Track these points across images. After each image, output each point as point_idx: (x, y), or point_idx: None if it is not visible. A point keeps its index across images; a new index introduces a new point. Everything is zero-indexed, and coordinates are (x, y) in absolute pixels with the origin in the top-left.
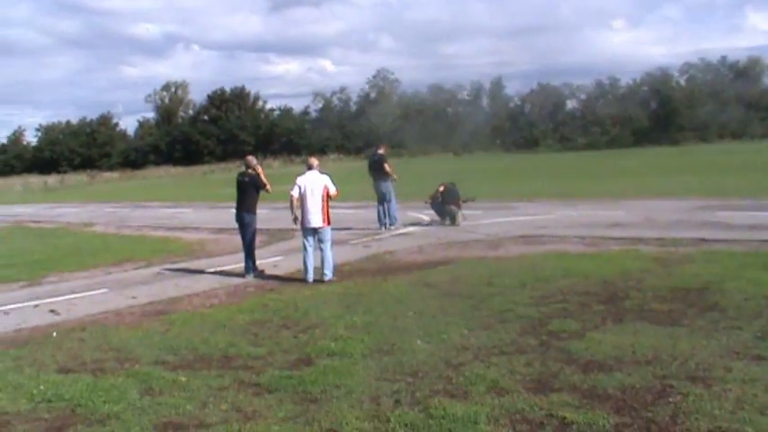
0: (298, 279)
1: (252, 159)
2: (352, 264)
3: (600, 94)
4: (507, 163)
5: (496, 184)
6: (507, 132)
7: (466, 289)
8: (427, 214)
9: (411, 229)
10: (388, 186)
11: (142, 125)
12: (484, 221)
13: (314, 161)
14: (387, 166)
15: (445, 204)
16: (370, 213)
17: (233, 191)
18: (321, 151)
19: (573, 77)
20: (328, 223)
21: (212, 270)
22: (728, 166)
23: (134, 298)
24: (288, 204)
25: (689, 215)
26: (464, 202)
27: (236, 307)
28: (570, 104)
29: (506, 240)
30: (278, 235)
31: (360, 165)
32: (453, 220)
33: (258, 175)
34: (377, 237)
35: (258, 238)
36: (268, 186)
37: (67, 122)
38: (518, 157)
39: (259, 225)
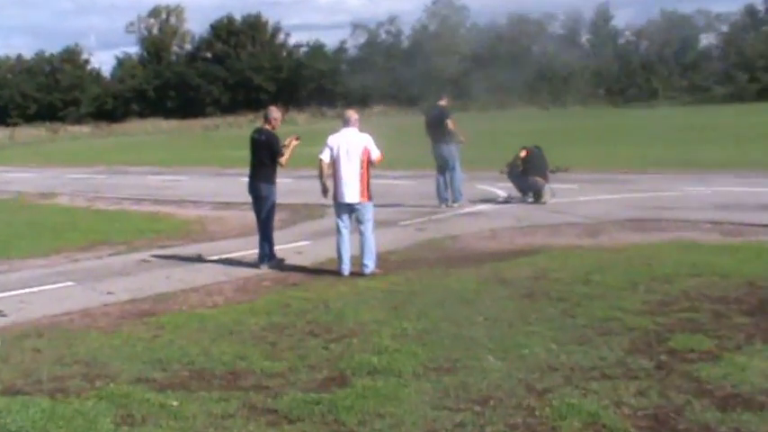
0: (329, 271)
1: (275, 111)
2: (402, 252)
3: (749, 26)
4: (614, 121)
5: (598, 149)
6: (614, 79)
7: (555, 288)
8: (503, 188)
9: (481, 207)
10: (452, 151)
11: (122, 63)
12: (580, 198)
13: (352, 115)
14: (450, 124)
15: (528, 175)
16: (426, 186)
17: (245, 153)
18: (362, 102)
19: (710, 2)
20: (369, 198)
21: (215, 258)
22: None
23: (110, 294)
24: (316, 172)
25: None
26: (553, 172)
27: (246, 307)
28: (705, 40)
29: (611, 225)
30: (304, 212)
31: (413, 121)
32: (538, 197)
33: (280, 144)
34: (435, 216)
35: (277, 217)
36: (283, 158)
37: (18, 57)
38: (629, 113)
39: (280, 199)
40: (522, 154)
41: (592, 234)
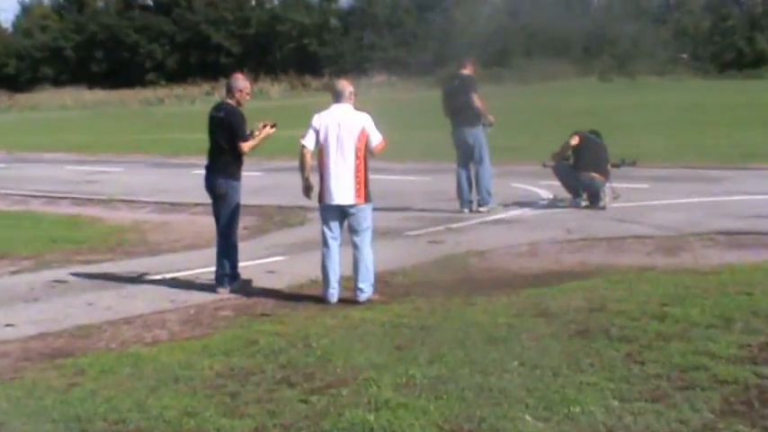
0: (311, 297)
1: (241, 81)
2: (410, 272)
3: None
4: (701, 97)
5: (679, 136)
6: (704, 40)
7: (617, 324)
8: (547, 187)
9: (517, 212)
10: (479, 136)
11: (28, 11)
12: (653, 202)
13: (345, 87)
14: (476, 100)
15: (581, 171)
16: (443, 183)
17: (201, 137)
18: (358, 70)
19: None
20: (366, 199)
21: (157, 278)
22: None
23: (10, 326)
24: (296, 163)
25: None
26: (616, 166)
27: (198, 345)
28: None
29: (694, 239)
30: (278, 217)
31: (427, 96)
32: (595, 199)
33: (245, 124)
34: (455, 225)
35: (242, 223)
36: (247, 144)
37: None
38: (724, 87)
39: (246, 199)
40: (574, 142)
41: (669, 251)
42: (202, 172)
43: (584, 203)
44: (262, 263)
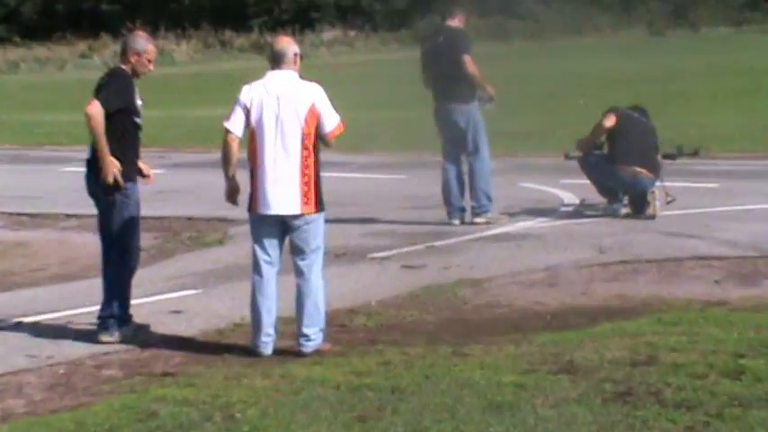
0: (235, 347)
1: (141, 40)
2: (378, 310)
3: None
4: None
5: (761, 113)
6: None
7: (672, 384)
8: (572, 187)
9: (528, 223)
10: (473, 116)
11: None
12: (723, 208)
13: (287, 47)
14: (469, 64)
15: (619, 164)
16: (423, 183)
17: (78, 119)
18: (301, 22)
19: None
20: (317, 208)
21: (11, 322)
22: None
23: None
24: (217, 155)
25: None
26: (670, 157)
27: (70, 420)
28: None
29: None
30: (188, 233)
31: (400, 59)
32: (641, 204)
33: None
34: (441, 242)
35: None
36: (99, 146)
37: None
38: None
39: (145, 208)
40: (609, 123)
41: (746, 279)
42: (80, 169)
43: (624, 211)
44: (165, 299)
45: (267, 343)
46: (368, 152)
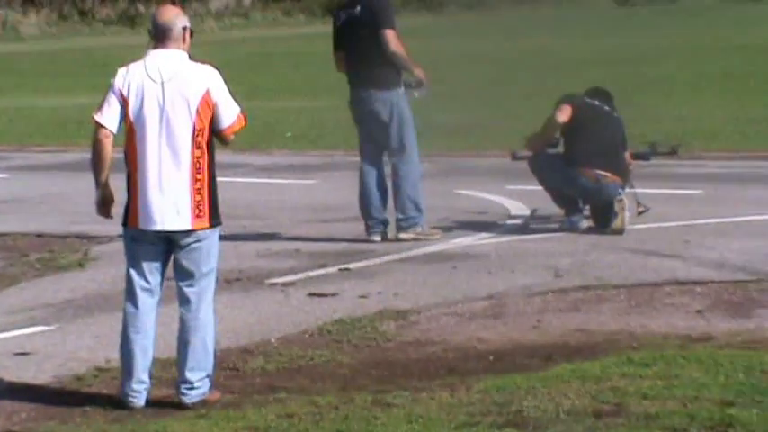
0: (98, 397)
1: None
2: (278, 350)
3: None
4: None
5: (752, 103)
6: None
7: None
8: (521, 194)
9: (467, 240)
10: (398, 106)
11: None
12: (706, 221)
13: (173, 19)
14: (391, 40)
15: (577, 166)
16: (336, 189)
17: None
18: None
19: None
20: (212, 222)
21: None
22: None
23: None
24: (84, 156)
25: None
26: (642, 157)
27: None
28: None
29: None
30: (38, 254)
31: (309, 34)
32: (604, 217)
33: None
34: (358, 264)
35: None
36: None
37: None
38: None
39: None
40: (563, 117)
41: (734, 309)
42: None
43: (585, 224)
44: (8, 337)
45: (140, 392)
46: (267, 151)
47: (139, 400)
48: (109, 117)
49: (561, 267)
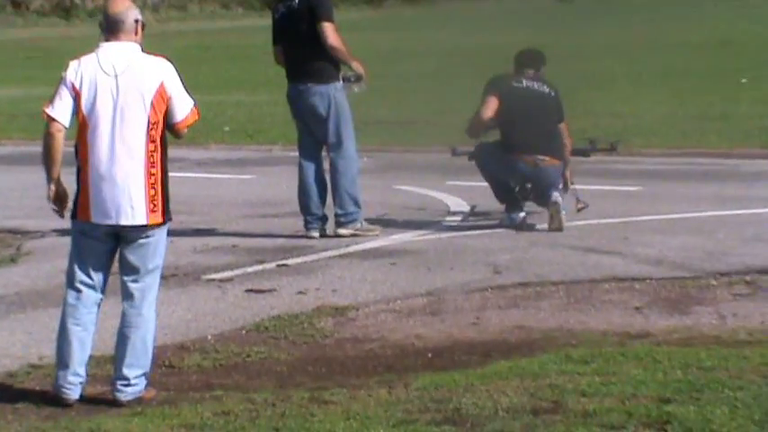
0: (30, 394)
1: None
2: (215, 346)
3: None
4: (738, 28)
5: (693, 100)
6: None
7: None
8: (461, 190)
9: (406, 236)
10: (334, 100)
11: None
12: (645, 217)
13: (125, 11)
14: (329, 33)
15: (511, 153)
16: (273, 185)
17: None
18: None
19: None
20: (165, 217)
21: None
22: None
23: None
24: (32, 149)
25: None
26: (580, 154)
27: None
28: None
29: (718, 281)
30: None
31: (248, 27)
32: (557, 220)
33: None
34: (296, 260)
35: None
36: None
37: None
38: None
39: None
40: (489, 113)
41: (673, 305)
42: None
43: (519, 217)
44: None
45: (75, 385)
46: (204, 146)
47: (74, 393)
48: (61, 111)
49: (500, 264)
